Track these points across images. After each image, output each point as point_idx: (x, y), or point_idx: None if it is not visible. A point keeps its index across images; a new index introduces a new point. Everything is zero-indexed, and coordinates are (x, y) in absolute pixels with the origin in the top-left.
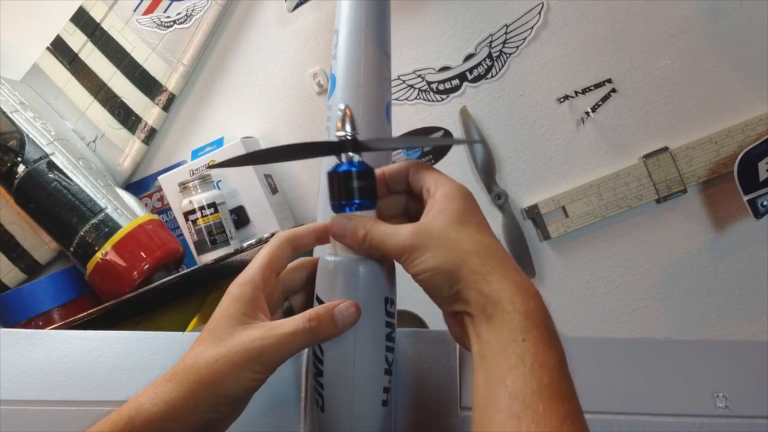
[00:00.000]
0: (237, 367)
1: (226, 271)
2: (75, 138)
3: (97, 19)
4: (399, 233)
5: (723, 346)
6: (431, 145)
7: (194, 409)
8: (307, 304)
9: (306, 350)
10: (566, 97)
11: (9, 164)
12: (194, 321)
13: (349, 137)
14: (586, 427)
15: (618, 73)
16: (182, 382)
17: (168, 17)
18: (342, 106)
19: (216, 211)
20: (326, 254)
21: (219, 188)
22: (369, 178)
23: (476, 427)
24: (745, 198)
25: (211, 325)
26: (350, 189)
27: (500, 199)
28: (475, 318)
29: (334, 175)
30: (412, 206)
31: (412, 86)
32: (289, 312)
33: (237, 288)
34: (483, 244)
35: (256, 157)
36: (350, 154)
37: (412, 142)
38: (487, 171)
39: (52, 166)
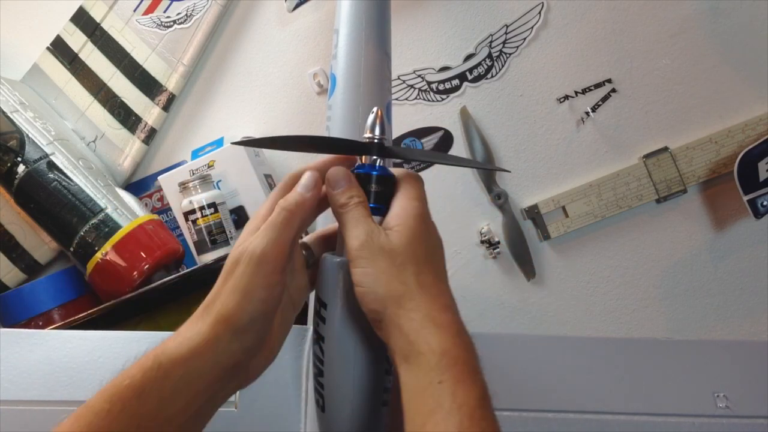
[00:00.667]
0: (238, 287)
1: None
2: (75, 138)
3: (97, 19)
4: (357, 234)
5: (723, 346)
6: (457, 164)
7: (217, 345)
8: (323, 246)
9: (307, 351)
10: (566, 97)
11: (9, 164)
12: None
13: (376, 140)
14: None
15: (618, 73)
16: (204, 319)
17: (168, 17)
18: (375, 109)
19: (216, 211)
20: (328, 254)
21: (219, 188)
22: (388, 185)
23: None
24: (745, 198)
25: None
26: (367, 192)
27: (500, 199)
28: (396, 356)
29: (353, 175)
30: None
31: (412, 86)
32: (310, 256)
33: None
34: (421, 279)
35: (280, 142)
36: (374, 157)
37: (436, 157)
38: (487, 171)
39: (52, 166)
